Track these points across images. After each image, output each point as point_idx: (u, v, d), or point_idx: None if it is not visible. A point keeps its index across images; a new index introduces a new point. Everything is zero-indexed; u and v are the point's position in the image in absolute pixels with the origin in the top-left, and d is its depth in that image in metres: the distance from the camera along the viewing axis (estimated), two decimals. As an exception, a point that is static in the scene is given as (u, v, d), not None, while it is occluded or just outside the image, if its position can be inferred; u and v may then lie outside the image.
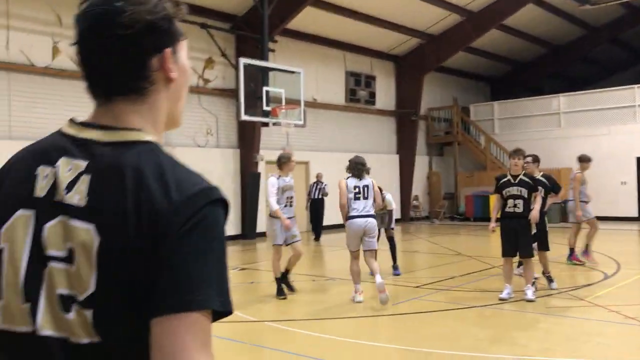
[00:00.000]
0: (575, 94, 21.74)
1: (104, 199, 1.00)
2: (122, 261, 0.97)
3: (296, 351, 5.37)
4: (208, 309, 0.97)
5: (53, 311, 0.99)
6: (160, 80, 1.09)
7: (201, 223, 0.99)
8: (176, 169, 1.04)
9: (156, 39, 1.07)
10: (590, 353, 5.16)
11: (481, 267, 10.25)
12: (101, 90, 1.10)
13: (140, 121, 1.08)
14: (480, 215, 20.97)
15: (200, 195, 1.02)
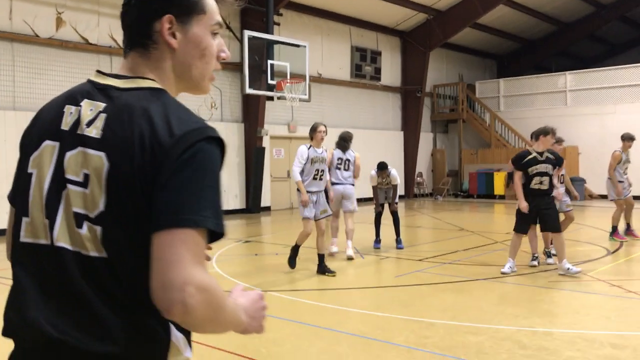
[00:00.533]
0: (583, 72, 21.56)
1: (115, 132, 1.18)
2: (127, 184, 1.14)
3: (302, 320, 5.43)
4: (203, 227, 1.12)
5: (68, 226, 1.18)
6: (162, 42, 1.27)
7: (197, 155, 1.14)
8: (179, 110, 1.21)
9: (161, 4, 1.25)
10: (591, 326, 5.20)
11: (484, 242, 10.29)
12: (125, 44, 1.32)
13: (149, 73, 1.27)
14: (484, 193, 21.01)
15: (198, 131, 1.17)
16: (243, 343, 4.77)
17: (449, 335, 4.90)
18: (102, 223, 1.15)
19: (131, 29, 1.30)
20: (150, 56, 1.27)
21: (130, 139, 1.15)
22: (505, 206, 18.66)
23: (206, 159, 1.16)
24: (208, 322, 1.14)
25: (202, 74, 1.33)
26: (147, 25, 1.26)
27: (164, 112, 1.18)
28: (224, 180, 15.76)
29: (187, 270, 1.08)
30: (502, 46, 25.32)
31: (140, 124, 1.16)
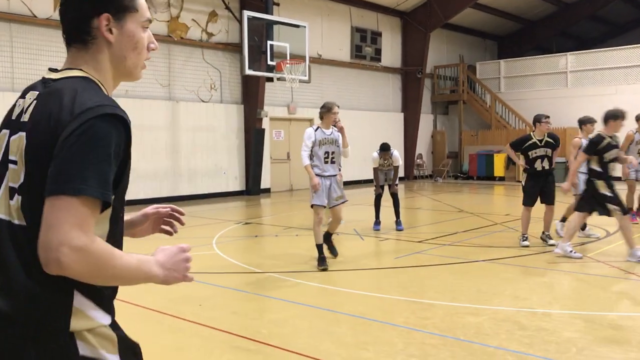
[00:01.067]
0: (583, 53, 21.43)
1: (35, 115, 1.38)
2: (37, 157, 1.32)
3: (302, 301, 5.46)
4: (84, 195, 1.26)
5: (5, 200, 1.39)
6: (100, 37, 1.45)
7: (88, 131, 1.29)
8: (86, 92, 1.37)
9: (96, 4, 1.43)
10: (591, 306, 5.23)
11: (484, 223, 10.31)
12: (65, 40, 1.50)
13: (84, 65, 1.46)
14: (484, 174, 21.01)
15: (93, 110, 1.31)
16: (245, 325, 4.81)
17: (448, 316, 4.93)
18: (21, 192, 1.35)
19: (70, 26, 1.46)
20: (88, 50, 1.46)
21: (42, 119, 1.35)
22: (505, 188, 18.67)
23: (95, 134, 1.29)
24: (92, 277, 1.30)
25: (135, 64, 1.53)
26: (86, 22, 1.43)
27: (73, 94, 1.35)
28: (223, 161, 15.85)
29: (64, 232, 1.23)
30: (503, 27, 25.13)
31: (52, 106, 1.35)
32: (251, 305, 5.45)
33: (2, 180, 1.40)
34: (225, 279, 6.49)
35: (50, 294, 1.32)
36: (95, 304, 1.38)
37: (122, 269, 1.33)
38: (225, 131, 16.02)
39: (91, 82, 1.43)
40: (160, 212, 1.81)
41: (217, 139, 15.79)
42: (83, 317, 1.35)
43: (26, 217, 1.34)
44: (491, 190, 18.36)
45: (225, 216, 11.99)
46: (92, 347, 1.36)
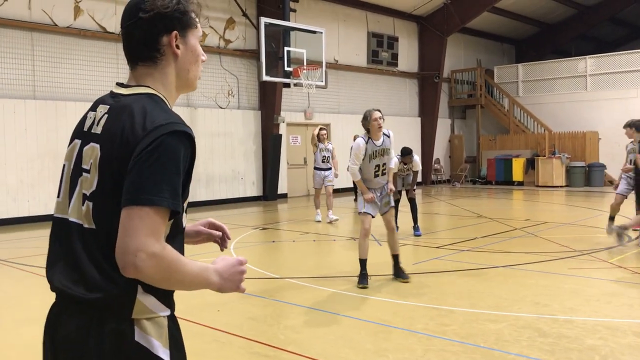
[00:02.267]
0: (603, 56, 21.19)
1: (109, 128, 1.51)
2: (111, 168, 1.46)
3: (320, 307, 5.44)
4: (158, 206, 1.39)
5: (78, 205, 1.54)
6: (169, 53, 1.58)
7: (160, 146, 1.42)
8: (156, 110, 1.50)
9: (166, 23, 1.56)
10: (614, 314, 5.14)
11: (503, 229, 10.21)
12: (130, 58, 1.61)
13: (152, 82, 1.58)
14: (503, 179, 20.83)
15: (164, 127, 1.45)
16: (262, 330, 4.80)
17: (468, 322, 4.88)
18: (92, 199, 1.50)
19: (139, 45, 1.57)
20: (157, 66, 1.59)
21: (116, 133, 1.48)
22: (524, 193, 18.49)
23: (167, 150, 1.42)
24: (162, 280, 1.44)
25: (195, 75, 1.68)
26: (156, 40, 1.56)
27: (143, 111, 1.49)
28: (240, 167, 15.92)
29: (141, 239, 1.37)
30: (521, 30, 24.95)
31: (125, 121, 1.48)
32: (269, 311, 5.44)
33: (76, 187, 1.56)
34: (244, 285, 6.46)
35: (117, 288, 1.46)
36: (156, 298, 1.52)
37: (187, 274, 1.48)
38: (242, 137, 16.09)
39: (158, 99, 1.57)
40: (212, 234, 1.95)
41: (235, 145, 15.86)
42: (144, 308, 1.50)
43: (95, 222, 1.50)
44: (510, 195, 18.19)
45: (243, 221, 12.02)
46: (147, 336, 1.50)
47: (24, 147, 12.01)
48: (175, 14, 1.57)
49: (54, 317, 1.58)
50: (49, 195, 12.28)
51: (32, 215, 12.09)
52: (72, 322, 1.51)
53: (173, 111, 1.55)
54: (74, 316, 1.51)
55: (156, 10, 1.54)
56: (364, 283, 6.21)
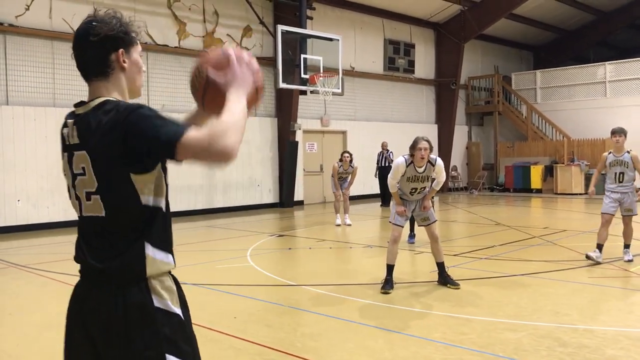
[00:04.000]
0: (623, 62, 20.95)
1: (82, 134, 1.83)
2: (103, 160, 1.77)
3: (337, 315, 5.43)
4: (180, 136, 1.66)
5: (86, 202, 1.86)
6: (117, 67, 1.88)
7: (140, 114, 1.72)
8: (121, 102, 1.81)
9: (113, 43, 1.87)
10: (634, 323, 5.05)
11: (521, 237, 10.11)
12: (85, 75, 1.90)
13: (106, 92, 1.88)
14: (521, 186, 20.64)
15: (133, 106, 1.75)
16: (279, 338, 4.80)
17: (486, 331, 4.83)
18: (98, 193, 1.81)
19: (92, 63, 1.87)
20: (109, 79, 1.88)
21: (94, 132, 1.78)
22: (543, 200, 18.30)
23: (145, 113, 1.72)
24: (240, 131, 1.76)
25: (140, 84, 1.98)
26: (106, 58, 1.86)
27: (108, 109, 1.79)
28: (257, 174, 16.05)
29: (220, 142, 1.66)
30: (539, 37, 24.78)
31: (98, 119, 1.78)
32: (285, 319, 5.43)
33: (76, 190, 1.88)
34: (260, 292, 6.49)
35: (129, 253, 1.78)
36: (159, 249, 1.83)
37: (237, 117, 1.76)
38: (259, 144, 16.15)
39: (114, 100, 1.84)
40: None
41: (252, 152, 15.92)
42: (154, 262, 1.81)
43: (104, 210, 1.80)
44: (528, 202, 18.01)
45: (259, 228, 12.05)
46: (164, 300, 1.81)
47: (44, 154, 12.17)
48: (119, 35, 1.88)
49: (82, 292, 1.85)
50: (69, 201, 12.39)
51: (52, 222, 12.23)
52: (99, 295, 1.79)
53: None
54: (100, 289, 1.79)
55: (104, 33, 1.84)
56: (387, 288, 6.22)
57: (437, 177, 6.55)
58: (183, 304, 1.88)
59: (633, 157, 7.53)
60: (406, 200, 6.55)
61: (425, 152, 6.25)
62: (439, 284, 6.51)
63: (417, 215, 6.65)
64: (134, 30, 1.95)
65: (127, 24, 1.93)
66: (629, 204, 7.57)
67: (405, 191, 6.49)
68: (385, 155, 16.08)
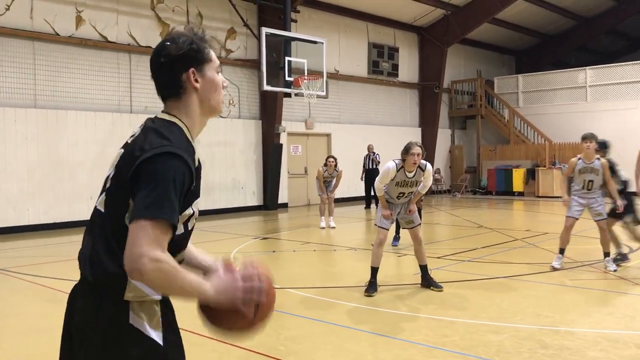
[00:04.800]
0: (603, 67, 21.25)
1: (133, 141, 1.80)
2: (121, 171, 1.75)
3: (320, 317, 5.42)
4: (157, 218, 1.60)
5: (102, 196, 1.82)
6: (189, 87, 1.84)
7: (151, 167, 1.66)
8: (162, 134, 1.75)
9: (183, 63, 1.82)
10: (615, 325, 5.12)
11: (503, 239, 10.19)
12: (160, 96, 1.89)
13: (177, 112, 1.85)
14: (503, 189, 20.82)
15: (158, 148, 1.69)
16: (262, 341, 4.77)
17: (469, 334, 4.85)
18: (108, 191, 1.80)
19: (165, 84, 1.85)
20: (181, 100, 1.85)
21: (133, 147, 1.76)
22: (525, 203, 18.47)
23: (158, 169, 1.65)
24: (163, 285, 1.63)
25: (217, 101, 1.93)
26: (177, 79, 1.83)
27: (152, 134, 1.76)
28: (241, 176, 15.94)
29: (144, 247, 1.57)
30: (521, 41, 25.04)
31: (140, 139, 1.77)
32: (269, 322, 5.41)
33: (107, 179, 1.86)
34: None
35: (115, 267, 1.68)
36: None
37: (185, 282, 1.64)
38: (243, 146, 16.11)
39: (175, 126, 1.81)
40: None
41: (235, 154, 15.87)
42: (136, 289, 1.71)
43: (106, 207, 1.78)
44: (510, 205, 18.17)
45: (243, 231, 12.01)
46: (139, 320, 1.72)
47: (25, 155, 12.01)
48: (190, 54, 1.82)
49: (75, 289, 1.87)
50: (49, 204, 12.27)
51: (32, 224, 12.07)
52: (82, 300, 1.79)
53: (178, 137, 1.77)
54: (83, 296, 1.79)
55: (173, 54, 1.80)
56: (371, 291, 6.23)
57: (424, 181, 6.57)
58: (170, 328, 1.80)
59: (603, 164, 7.33)
60: (392, 203, 6.57)
61: (418, 158, 6.27)
62: (422, 286, 6.54)
63: (402, 218, 6.67)
64: (209, 45, 1.88)
65: (200, 40, 1.85)
66: (597, 207, 7.35)
67: (393, 195, 6.50)
68: (371, 157, 16.17)
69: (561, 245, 7.49)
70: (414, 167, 6.32)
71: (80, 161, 12.75)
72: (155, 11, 14.33)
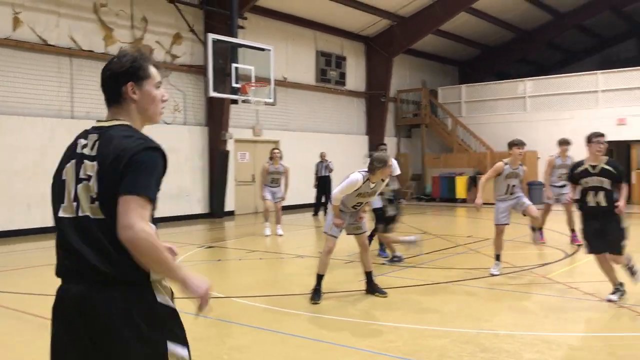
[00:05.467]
0: (541, 79, 22.10)
1: (101, 150, 2.09)
2: (108, 176, 2.03)
3: (265, 326, 5.40)
4: (144, 195, 1.98)
5: (86, 203, 2.07)
6: (129, 97, 2.20)
7: (142, 157, 2.04)
8: (135, 134, 2.13)
9: (124, 77, 2.19)
10: (550, 327, 5.32)
11: (446, 245, 10.43)
12: (106, 102, 2.24)
13: (121, 117, 2.21)
14: (447, 196, 21.30)
15: (143, 144, 2.07)
16: (207, 351, 4.72)
17: (412, 339, 4.94)
18: (98, 199, 2.05)
19: (109, 93, 2.22)
20: (122, 107, 2.22)
21: (109, 153, 2.06)
22: (467, 210, 18.95)
23: (147, 160, 2.04)
24: (147, 253, 1.94)
25: (155, 112, 2.28)
26: (119, 89, 2.19)
27: (126, 136, 2.10)
28: (186, 184, 15.70)
29: (135, 218, 1.93)
30: (464, 53, 25.77)
31: (115, 144, 2.07)
32: (213, 331, 5.35)
33: (77, 193, 2.09)
34: (187, 304, 6.35)
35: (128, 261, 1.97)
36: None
37: (164, 257, 1.98)
38: (188, 153, 15.88)
39: (131, 128, 2.17)
40: None
41: (180, 161, 15.61)
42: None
43: (104, 214, 2.02)
44: (453, 212, 18.61)
45: (188, 240, 11.83)
46: (164, 296, 2.10)
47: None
48: (130, 70, 2.19)
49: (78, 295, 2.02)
50: (9, 212, 11.84)
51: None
52: (101, 298, 1.99)
53: (146, 135, 2.14)
54: (103, 294, 1.99)
55: (115, 70, 2.19)
56: (316, 299, 6.24)
57: (394, 171, 6.67)
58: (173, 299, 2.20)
59: (525, 170, 7.90)
60: (343, 211, 6.52)
61: (389, 172, 6.36)
62: (367, 293, 6.61)
63: (350, 225, 6.61)
64: (150, 64, 2.25)
65: (142, 59, 2.23)
66: (523, 203, 7.72)
67: (349, 205, 6.43)
68: (325, 164, 16.26)
69: (496, 252, 7.74)
70: (379, 178, 6.32)
71: (18, 169, 12.26)
72: (98, 15, 13.99)
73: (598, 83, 20.40)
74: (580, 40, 27.28)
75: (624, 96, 19.95)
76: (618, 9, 24.76)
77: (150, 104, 2.23)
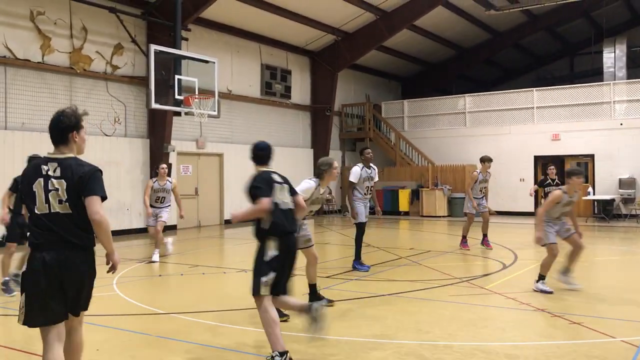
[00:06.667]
0: (480, 95, 22.83)
1: (64, 173, 3.54)
2: (71, 189, 3.51)
3: (206, 342, 5.29)
4: (101, 195, 3.54)
5: (57, 204, 3.51)
6: (72, 140, 3.60)
7: (95, 175, 3.58)
8: (84, 163, 3.60)
9: (70, 128, 3.59)
10: (488, 337, 5.44)
11: (389, 257, 10.55)
12: (55, 143, 3.61)
13: (68, 152, 3.61)
14: (390, 209, 21.60)
15: (94, 168, 3.60)
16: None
17: (354, 351, 4.95)
18: (68, 201, 3.50)
19: (59, 138, 3.58)
20: (68, 146, 3.59)
21: (71, 175, 3.51)
22: (410, 222, 19.26)
23: (98, 177, 3.57)
24: (106, 233, 3.54)
25: (83, 148, 3.69)
26: (67, 136, 3.58)
27: (81, 163, 3.57)
28: (126, 197, 15.33)
29: (99, 209, 3.49)
30: (406, 69, 26.33)
31: (74, 169, 3.52)
32: (152, 350, 5.20)
33: (49, 198, 3.48)
34: (125, 322, 6.18)
35: (87, 235, 3.52)
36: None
37: (110, 232, 3.57)
38: (129, 166, 15.50)
39: (77, 158, 3.58)
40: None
41: (120, 174, 15.22)
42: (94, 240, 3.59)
43: (71, 210, 3.48)
44: (396, 224, 18.87)
45: (128, 255, 11.50)
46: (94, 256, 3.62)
47: None
48: (72, 123, 3.57)
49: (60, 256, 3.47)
50: None
51: None
52: (75, 256, 3.49)
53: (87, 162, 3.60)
54: (75, 253, 3.50)
55: (65, 124, 3.56)
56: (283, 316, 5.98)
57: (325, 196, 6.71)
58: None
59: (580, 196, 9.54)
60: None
61: (336, 174, 6.49)
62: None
63: (302, 237, 6.35)
64: (81, 118, 3.63)
65: (79, 116, 3.63)
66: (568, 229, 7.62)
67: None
68: None
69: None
70: (327, 183, 6.43)
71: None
72: (35, 23, 13.53)
73: (534, 99, 21.24)
74: (517, 58, 28.37)
75: (558, 113, 20.84)
76: (552, 29, 25.92)
77: (82, 143, 3.67)
